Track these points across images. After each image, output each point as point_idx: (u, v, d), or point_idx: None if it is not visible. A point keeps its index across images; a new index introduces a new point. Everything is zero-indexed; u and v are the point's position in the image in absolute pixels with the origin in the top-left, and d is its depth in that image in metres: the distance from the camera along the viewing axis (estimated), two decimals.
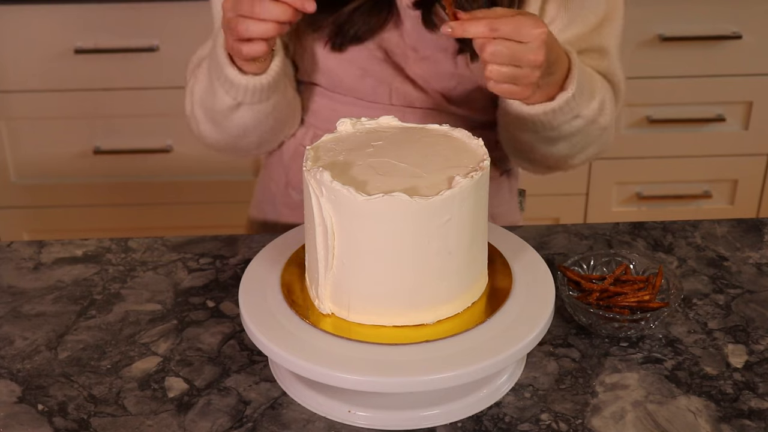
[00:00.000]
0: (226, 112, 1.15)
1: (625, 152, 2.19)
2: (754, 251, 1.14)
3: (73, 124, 2.15)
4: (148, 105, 2.13)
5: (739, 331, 1.00)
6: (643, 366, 0.95)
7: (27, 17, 2.02)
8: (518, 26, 0.93)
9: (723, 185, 2.29)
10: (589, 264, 1.05)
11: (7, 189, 2.22)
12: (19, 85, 2.10)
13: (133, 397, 0.92)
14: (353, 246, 0.85)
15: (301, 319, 0.89)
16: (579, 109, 1.08)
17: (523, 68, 0.95)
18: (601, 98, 1.12)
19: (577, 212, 2.30)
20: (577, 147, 1.15)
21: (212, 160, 2.19)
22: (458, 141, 0.93)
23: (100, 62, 2.07)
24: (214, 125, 1.19)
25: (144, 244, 1.16)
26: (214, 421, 0.89)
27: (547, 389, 0.92)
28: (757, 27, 2.08)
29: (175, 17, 2.03)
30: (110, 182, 2.22)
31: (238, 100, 1.12)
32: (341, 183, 0.83)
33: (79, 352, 0.98)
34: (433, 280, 0.87)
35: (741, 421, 0.88)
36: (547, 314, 0.90)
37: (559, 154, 1.16)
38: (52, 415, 0.90)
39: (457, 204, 0.84)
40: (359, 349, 0.85)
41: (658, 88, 2.12)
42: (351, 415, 0.89)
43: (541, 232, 1.18)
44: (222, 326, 1.01)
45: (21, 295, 1.07)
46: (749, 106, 2.18)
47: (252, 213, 1.40)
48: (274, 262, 0.98)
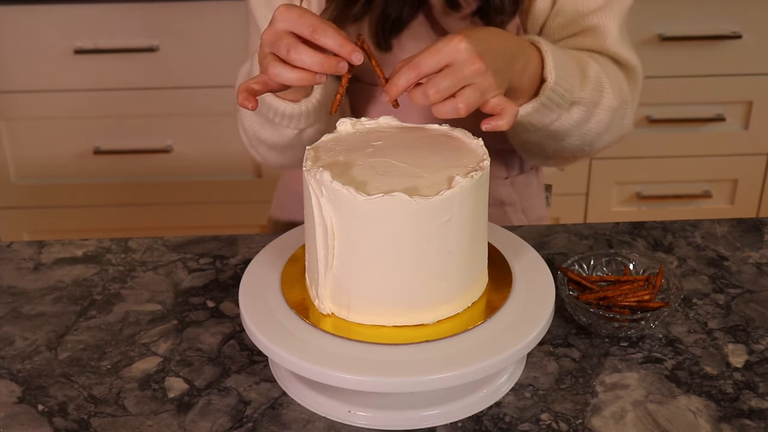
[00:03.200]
0: (292, 141, 1.12)
1: (625, 152, 2.19)
2: (754, 251, 1.14)
3: (73, 124, 2.15)
4: (148, 105, 2.13)
5: (739, 331, 1.00)
6: (643, 366, 0.95)
7: (27, 17, 2.02)
8: (435, 50, 0.88)
9: (723, 185, 2.29)
10: (589, 264, 1.05)
11: (7, 189, 2.22)
12: (19, 85, 2.10)
13: (133, 398, 0.92)
14: (353, 246, 0.85)
15: (301, 319, 0.89)
16: (572, 96, 1.05)
17: (475, 81, 0.89)
18: (596, 78, 1.07)
19: (577, 212, 2.30)
20: (588, 137, 1.12)
21: (212, 160, 2.20)
22: (458, 141, 0.93)
23: (100, 62, 2.07)
24: (280, 153, 1.17)
25: (144, 244, 1.16)
26: (214, 422, 0.89)
27: (547, 389, 0.92)
28: (757, 27, 2.08)
29: (175, 17, 2.03)
30: (110, 182, 2.22)
31: (301, 127, 1.09)
32: (341, 183, 0.83)
33: (79, 353, 0.98)
34: (432, 280, 0.87)
35: (741, 420, 0.88)
36: (547, 314, 0.90)
37: (571, 147, 1.13)
38: (52, 415, 0.90)
39: (457, 204, 0.84)
40: (359, 349, 0.85)
41: (658, 88, 2.12)
42: (351, 415, 0.89)
43: (541, 232, 1.18)
44: (222, 326, 1.01)
45: (21, 296, 1.07)
46: (749, 105, 2.18)
47: (274, 214, 1.40)
48: (274, 262, 0.98)
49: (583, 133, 1.11)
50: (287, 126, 1.08)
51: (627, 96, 1.14)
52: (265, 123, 1.10)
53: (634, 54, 1.16)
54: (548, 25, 1.15)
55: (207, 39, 2.05)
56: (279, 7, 0.90)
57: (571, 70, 1.04)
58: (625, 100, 1.14)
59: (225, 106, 1.85)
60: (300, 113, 1.05)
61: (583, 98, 1.07)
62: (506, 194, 1.30)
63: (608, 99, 1.10)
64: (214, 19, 2.02)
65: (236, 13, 1.95)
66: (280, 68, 0.89)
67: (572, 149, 1.15)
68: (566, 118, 1.07)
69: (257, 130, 1.13)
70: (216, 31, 2.04)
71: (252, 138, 1.16)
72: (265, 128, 1.11)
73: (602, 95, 1.09)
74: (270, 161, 1.20)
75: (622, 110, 1.13)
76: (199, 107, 2.12)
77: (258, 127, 1.12)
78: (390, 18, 1.12)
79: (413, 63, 0.88)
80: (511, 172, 1.30)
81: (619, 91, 1.12)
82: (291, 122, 1.07)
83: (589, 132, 1.12)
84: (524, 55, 0.98)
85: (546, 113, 1.04)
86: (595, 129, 1.11)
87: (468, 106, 0.88)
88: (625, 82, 1.14)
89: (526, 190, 1.32)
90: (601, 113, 1.10)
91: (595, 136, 1.13)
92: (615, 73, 1.13)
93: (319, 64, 0.87)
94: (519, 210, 1.32)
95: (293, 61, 0.88)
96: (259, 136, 1.13)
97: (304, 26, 0.88)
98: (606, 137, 1.15)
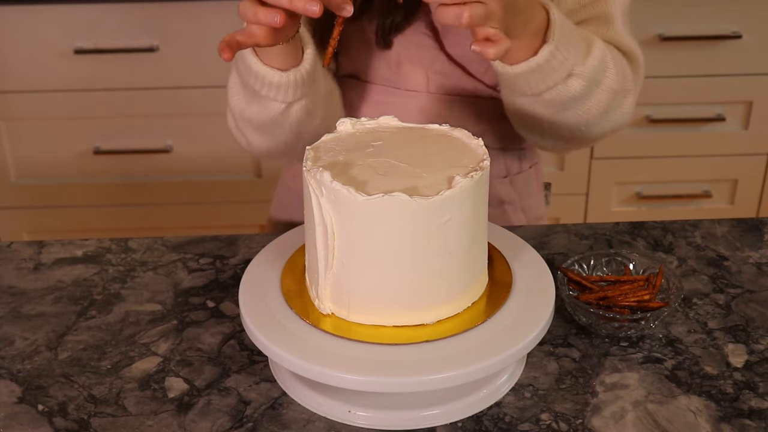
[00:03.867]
0: (278, 118, 1.11)
1: (625, 152, 2.19)
2: (754, 251, 1.14)
3: (73, 124, 2.15)
4: (148, 105, 2.13)
5: (739, 331, 1.00)
6: (643, 366, 0.95)
7: (27, 17, 2.02)
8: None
9: (723, 185, 2.29)
10: (589, 264, 1.05)
11: (7, 189, 2.22)
12: (19, 85, 2.10)
13: (133, 398, 0.92)
14: (353, 246, 0.85)
15: (301, 319, 0.89)
16: (570, 65, 1.04)
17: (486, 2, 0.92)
18: (601, 56, 1.07)
19: (577, 212, 2.30)
20: (585, 116, 1.11)
21: (212, 160, 2.20)
22: (458, 141, 0.93)
23: (100, 62, 2.07)
24: (265, 133, 1.15)
25: (144, 244, 1.16)
26: (214, 422, 0.89)
27: (547, 389, 0.92)
28: (757, 27, 2.08)
29: (175, 17, 2.03)
30: (110, 182, 2.22)
31: (288, 100, 1.08)
32: (341, 183, 0.83)
33: (79, 353, 0.98)
34: (433, 280, 0.87)
35: (741, 420, 0.88)
36: (547, 314, 0.90)
37: (568, 123, 1.12)
38: (52, 415, 0.90)
39: (457, 204, 0.84)
40: (359, 349, 0.85)
41: (658, 87, 2.12)
42: (351, 415, 0.89)
43: (541, 232, 1.18)
44: (222, 326, 1.01)
45: (21, 296, 1.07)
46: (749, 105, 2.18)
47: (274, 214, 1.40)
48: (274, 262, 0.98)
49: (582, 111, 1.10)
50: (274, 98, 1.07)
51: (629, 84, 1.14)
52: (252, 99, 1.09)
53: (636, 44, 1.16)
54: None
55: (207, 39, 2.05)
56: None
57: (574, 41, 1.04)
58: (627, 87, 1.13)
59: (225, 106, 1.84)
60: (288, 83, 1.05)
61: (584, 72, 1.06)
62: (505, 193, 1.30)
63: (610, 80, 1.09)
64: (214, 19, 2.02)
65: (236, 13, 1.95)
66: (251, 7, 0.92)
67: (568, 126, 1.13)
68: (562, 89, 1.06)
69: (243, 108, 1.12)
70: (216, 31, 2.02)
71: (238, 118, 1.15)
72: (251, 105, 1.10)
73: (605, 74, 1.09)
74: (255, 145, 1.18)
75: (623, 95, 1.13)
76: (199, 107, 2.12)
77: (244, 105, 1.11)
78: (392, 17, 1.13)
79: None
80: (511, 170, 1.30)
81: (623, 76, 1.12)
82: (279, 93, 1.06)
83: (588, 111, 1.10)
84: (532, 9, 1.01)
85: (540, 77, 1.04)
86: (594, 108, 1.10)
87: (472, 17, 0.90)
88: (629, 69, 1.14)
89: (525, 189, 1.32)
90: (602, 93, 1.09)
91: (593, 116, 1.11)
92: (620, 59, 1.13)
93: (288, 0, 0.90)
94: (518, 209, 1.33)
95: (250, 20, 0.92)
96: (245, 114, 1.12)
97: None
98: (604, 122, 1.14)
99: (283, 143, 1.15)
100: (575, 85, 1.06)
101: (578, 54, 1.05)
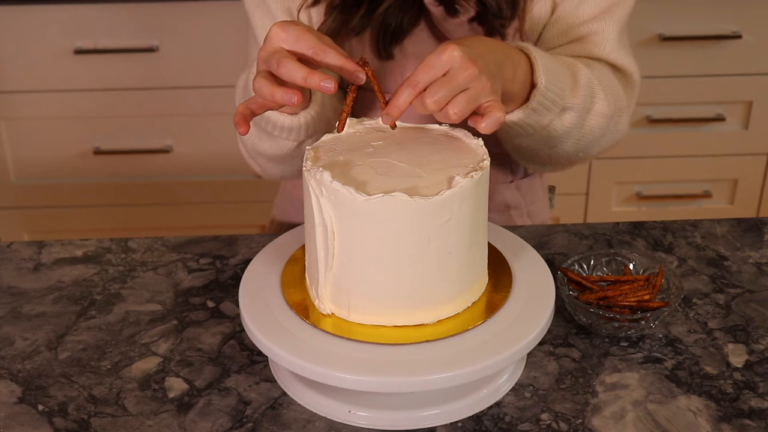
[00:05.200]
0: (291, 153, 1.11)
1: (625, 152, 2.19)
2: (754, 251, 1.14)
3: (73, 124, 2.15)
4: (148, 105, 2.13)
5: (739, 331, 1.00)
6: (644, 366, 0.95)
7: (27, 17, 2.02)
8: (429, 64, 0.89)
9: (723, 185, 2.29)
10: (589, 264, 1.05)
11: (7, 189, 2.22)
12: (19, 85, 2.10)
13: (133, 398, 0.92)
14: (353, 246, 0.85)
15: (301, 319, 0.89)
16: (563, 101, 1.04)
17: (470, 86, 0.89)
18: (587, 83, 1.07)
19: (577, 212, 2.30)
20: (582, 142, 1.12)
21: (212, 160, 2.20)
22: (458, 141, 0.93)
23: (100, 62, 2.07)
24: (279, 164, 1.16)
25: (144, 245, 1.16)
26: (214, 422, 0.89)
27: (548, 389, 0.92)
28: (757, 27, 2.08)
29: (175, 17, 2.03)
30: (110, 182, 2.22)
31: (300, 139, 1.08)
32: (341, 183, 0.83)
33: (79, 353, 0.98)
34: (432, 280, 0.87)
35: (741, 420, 0.88)
36: (547, 314, 0.90)
37: (565, 153, 1.13)
38: (52, 415, 0.90)
39: (457, 204, 0.84)
40: (359, 349, 0.85)
41: (658, 87, 2.12)
42: (351, 415, 0.89)
43: (541, 232, 1.18)
44: (222, 326, 1.01)
45: (21, 296, 1.07)
46: (749, 105, 2.18)
47: (276, 215, 1.40)
48: (274, 262, 0.98)
49: (577, 138, 1.11)
50: (286, 138, 1.07)
51: (623, 103, 1.14)
52: (264, 135, 1.09)
53: (632, 60, 1.16)
54: (547, 31, 1.15)
55: (207, 39, 2.05)
56: (274, 26, 0.89)
57: (561, 75, 1.04)
58: (621, 107, 1.14)
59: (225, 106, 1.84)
60: (299, 126, 1.05)
61: (575, 104, 1.07)
62: (511, 198, 1.30)
63: (600, 105, 1.10)
64: (214, 19, 2.02)
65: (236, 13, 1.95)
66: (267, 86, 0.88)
67: (567, 155, 1.15)
68: (558, 124, 1.07)
69: (256, 142, 1.12)
70: (216, 31, 2.04)
71: (251, 150, 1.15)
72: (263, 141, 1.10)
73: (594, 101, 1.09)
74: (270, 173, 1.20)
75: (617, 117, 1.14)
76: (199, 107, 2.12)
77: (257, 140, 1.12)
78: (390, 27, 1.12)
79: (411, 81, 0.88)
80: (516, 175, 1.30)
81: (614, 98, 1.12)
82: (290, 135, 1.06)
83: (583, 138, 1.12)
84: (512, 61, 0.98)
85: (537, 118, 1.04)
86: (588, 135, 1.12)
87: (459, 113, 0.88)
88: (621, 89, 1.14)
89: (530, 194, 1.32)
90: (594, 119, 1.10)
91: (589, 142, 1.13)
92: (610, 80, 1.13)
93: (303, 78, 0.87)
94: (524, 213, 1.32)
95: (282, 75, 0.88)
96: (258, 148, 1.13)
97: (304, 47, 0.89)
98: (601, 143, 1.15)
99: (297, 171, 1.16)
100: (569, 118, 1.07)
101: (566, 87, 1.05)
